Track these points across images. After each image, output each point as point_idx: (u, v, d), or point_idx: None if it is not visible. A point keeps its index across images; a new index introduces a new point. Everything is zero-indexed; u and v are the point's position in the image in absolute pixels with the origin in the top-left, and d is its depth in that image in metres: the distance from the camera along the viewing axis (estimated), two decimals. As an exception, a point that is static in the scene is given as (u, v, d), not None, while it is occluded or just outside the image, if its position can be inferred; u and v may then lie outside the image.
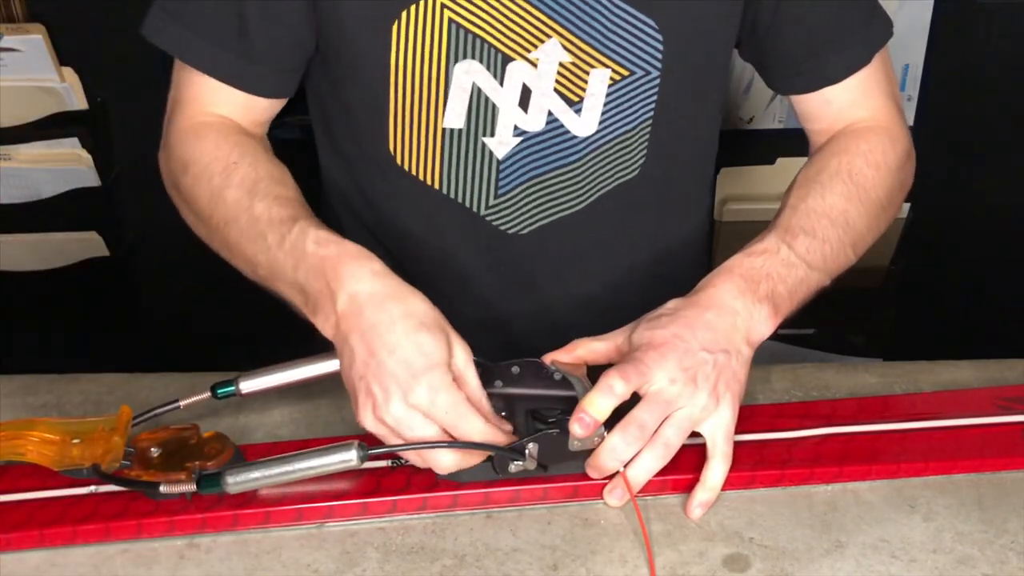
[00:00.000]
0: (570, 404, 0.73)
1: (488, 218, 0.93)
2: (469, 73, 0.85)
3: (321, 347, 0.77)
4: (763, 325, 0.77)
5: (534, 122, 0.88)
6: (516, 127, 0.88)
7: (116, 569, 0.70)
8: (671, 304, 0.78)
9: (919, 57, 1.68)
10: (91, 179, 1.73)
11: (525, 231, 0.93)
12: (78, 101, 1.63)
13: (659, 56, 0.86)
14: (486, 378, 0.77)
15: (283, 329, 1.15)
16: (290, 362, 0.77)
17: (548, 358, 0.77)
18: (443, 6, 0.83)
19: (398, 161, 0.91)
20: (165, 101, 0.90)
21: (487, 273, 0.97)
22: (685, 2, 0.85)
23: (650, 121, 0.90)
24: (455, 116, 0.87)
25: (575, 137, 0.89)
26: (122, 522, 0.71)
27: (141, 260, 1.89)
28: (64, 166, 1.71)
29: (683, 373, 0.72)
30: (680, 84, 0.89)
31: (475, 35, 0.84)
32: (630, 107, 0.89)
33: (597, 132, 0.89)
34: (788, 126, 1.74)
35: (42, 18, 1.57)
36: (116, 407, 0.76)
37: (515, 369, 0.76)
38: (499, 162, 0.89)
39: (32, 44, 1.57)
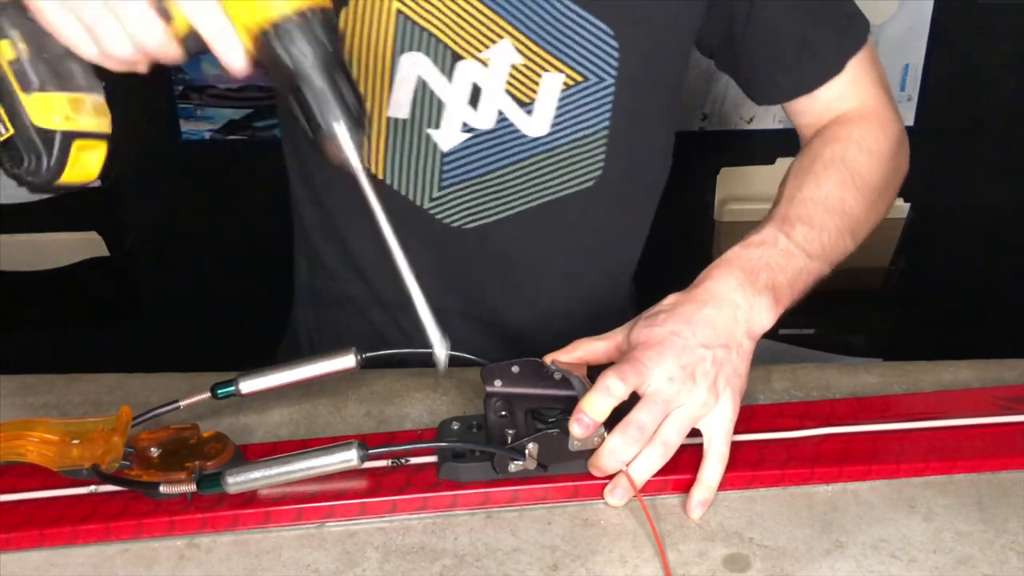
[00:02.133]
0: (570, 404, 0.73)
1: (431, 211, 0.92)
2: (415, 65, 0.85)
3: (318, 348, 0.77)
4: (764, 316, 0.77)
5: (484, 120, 0.88)
6: (465, 123, 0.88)
7: (116, 569, 0.70)
8: (669, 300, 0.78)
9: (919, 57, 1.68)
10: (91, 179, 1.73)
11: (468, 226, 0.93)
12: (78, 101, 1.63)
13: (614, 63, 0.86)
14: (485, 377, 0.77)
15: (282, 329, 1.15)
16: (290, 362, 0.77)
17: (548, 358, 0.77)
18: None
19: None
20: (165, 102, 0.91)
21: (432, 269, 0.97)
22: (641, 9, 0.85)
23: (607, 128, 0.89)
24: (399, 106, 0.87)
25: (525, 136, 0.88)
26: (122, 522, 0.71)
27: (141, 260, 1.90)
28: (64, 166, 1.71)
29: (681, 371, 0.72)
30: (636, 92, 0.88)
31: (423, 29, 0.84)
32: (585, 112, 0.88)
33: (550, 134, 0.89)
34: (788, 126, 1.74)
35: (42, 18, 1.57)
36: (116, 407, 0.76)
37: (515, 368, 0.76)
38: (443, 155, 0.89)
39: (32, 44, 1.57)
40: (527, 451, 0.72)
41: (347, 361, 0.76)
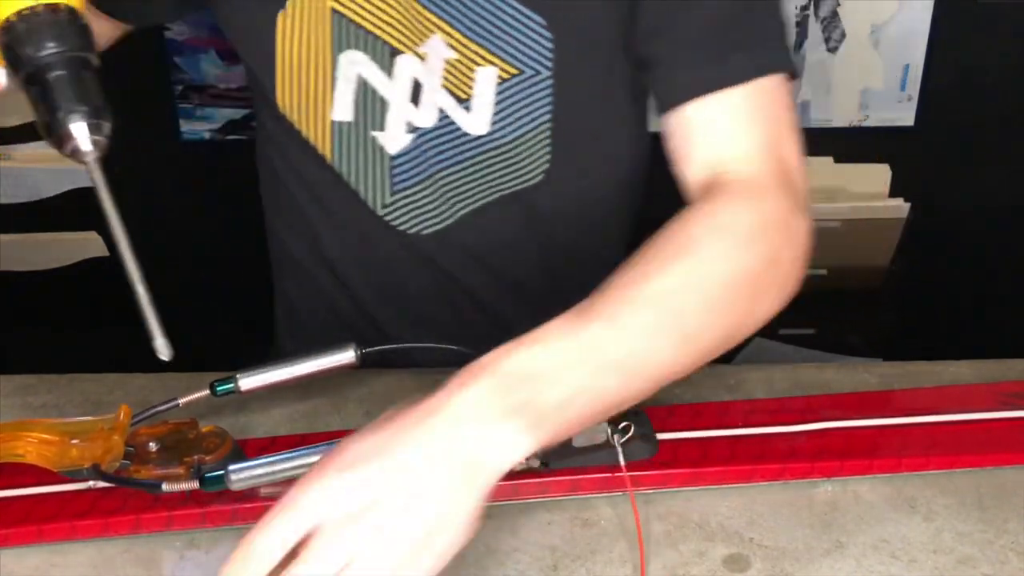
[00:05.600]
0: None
1: (386, 217, 0.90)
2: (354, 64, 0.84)
3: (317, 346, 0.77)
4: (505, 448, 0.57)
5: (425, 118, 0.86)
6: (409, 123, 0.86)
7: (116, 568, 0.70)
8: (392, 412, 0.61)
9: (919, 57, 1.68)
10: (91, 179, 1.74)
11: (425, 232, 0.91)
12: (78, 101, 1.63)
13: (549, 55, 0.83)
14: None
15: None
16: (290, 359, 0.77)
17: None
18: None
19: (314, 148, 0.89)
20: (166, 101, 0.91)
21: (399, 272, 0.94)
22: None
23: (548, 123, 0.87)
24: (343, 109, 0.86)
25: (468, 135, 0.87)
26: (120, 517, 0.71)
27: (141, 260, 1.89)
28: (64, 166, 1.72)
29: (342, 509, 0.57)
30: (576, 85, 0.86)
31: (359, 26, 0.82)
32: (524, 108, 0.86)
33: (491, 132, 0.87)
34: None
35: (42, 18, 1.57)
36: (115, 407, 0.76)
37: None
38: (392, 158, 0.88)
39: (32, 44, 1.57)
40: None
41: (347, 356, 0.76)
